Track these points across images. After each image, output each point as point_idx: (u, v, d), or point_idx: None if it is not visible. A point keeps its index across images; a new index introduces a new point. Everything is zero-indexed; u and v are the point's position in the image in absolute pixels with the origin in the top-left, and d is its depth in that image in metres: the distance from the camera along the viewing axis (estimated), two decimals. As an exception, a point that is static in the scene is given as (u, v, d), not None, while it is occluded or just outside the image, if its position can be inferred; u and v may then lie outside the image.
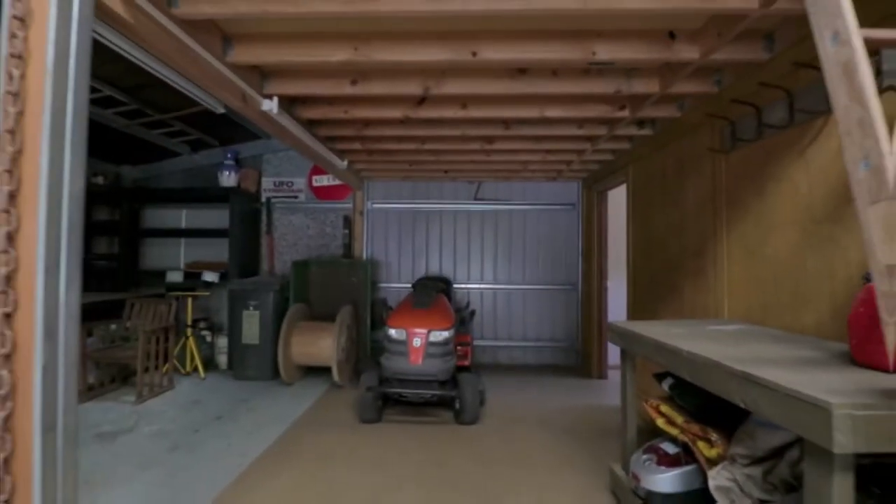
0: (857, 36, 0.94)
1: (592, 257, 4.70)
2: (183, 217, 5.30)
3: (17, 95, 1.15)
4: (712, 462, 1.56)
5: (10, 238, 1.13)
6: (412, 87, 2.42)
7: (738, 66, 2.17)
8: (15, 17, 1.15)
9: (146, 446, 2.81)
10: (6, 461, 1.12)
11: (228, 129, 4.65)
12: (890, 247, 0.87)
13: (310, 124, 3.12)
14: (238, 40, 2.07)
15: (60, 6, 1.19)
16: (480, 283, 5.18)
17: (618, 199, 4.19)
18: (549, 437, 3.02)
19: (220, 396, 3.83)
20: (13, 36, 1.15)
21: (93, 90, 3.42)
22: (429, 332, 3.14)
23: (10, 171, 1.14)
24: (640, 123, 3.14)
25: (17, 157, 1.15)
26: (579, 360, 4.96)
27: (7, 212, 1.13)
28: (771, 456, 1.39)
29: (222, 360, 4.73)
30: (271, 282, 4.45)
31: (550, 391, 4.12)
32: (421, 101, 2.70)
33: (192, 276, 4.78)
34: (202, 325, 4.81)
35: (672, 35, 2.00)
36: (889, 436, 0.89)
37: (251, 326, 4.30)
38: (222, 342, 4.75)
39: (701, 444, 1.63)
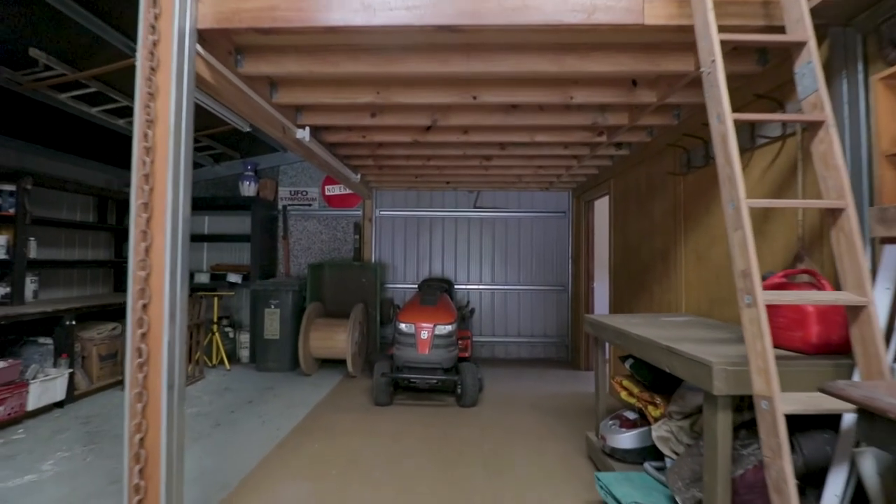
0: (730, 118, 1.42)
1: (581, 261, 5.18)
2: (206, 223, 5.76)
3: (150, 149, 1.63)
4: (656, 420, 2.03)
5: (147, 251, 1.61)
6: (421, 119, 2.90)
7: (688, 106, 2.65)
8: (148, 92, 1.63)
9: (193, 424, 3.26)
10: (143, 408, 1.59)
11: (249, 143, 5.13)
12: (743, 259, 1.34)
13: (331, 145, 3.60)
14: (282, 85, 2.54)
15: (177, 83, 1.66)
16: (479, 284, 5.66)
17: (603, 208, 4.66)
18: (538, 417, 3.49)
19: (246, 385, 4.29)
20: (146, 106, 1.63)
21: (128, 111, 3.90)
22: (434, 326, 3.61)
23: (146, 204, 1.61)
24: (618, 145, 3.61)
25: (151, 194, 1.62)
26: (569, 354, 5.43)
27: (145, 232, 1.60)
28: (695, 412, 1.86)
29: (244, 353, 5.20)
30: (290, 282, 4.91)
31: (541, 381, 4.59)
32: (428, 128, 3.17)
33: (216, 278, 5.25)
34: (225, 322, 5.27)
35: (634, 83, 2.48)
36: (745, 383, 1.36)
37: (272, 323, 4.77)
38: (244, 338, 5.22)
39: (650, 408, 2.10)
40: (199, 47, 1.79)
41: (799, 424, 1.53)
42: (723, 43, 1.48)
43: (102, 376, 4.01)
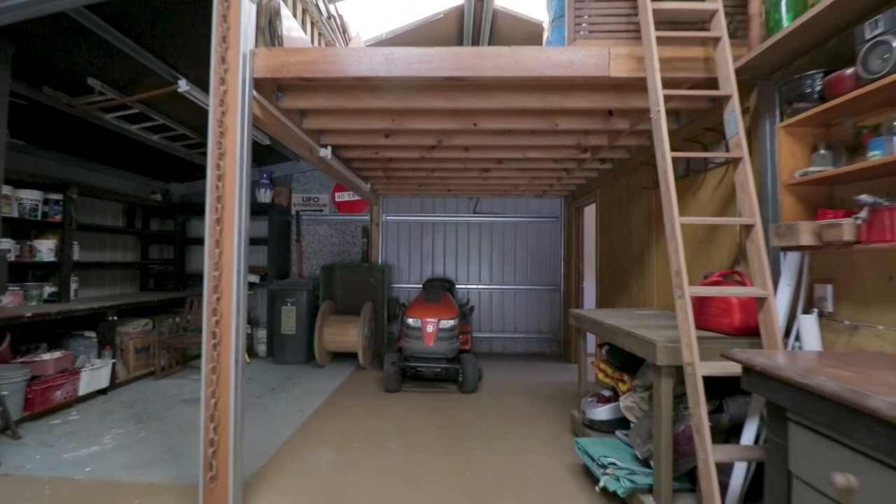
0: (668, 156, 1.87)
1: (572, 262, 5.63)
2: (223, 227, 6.17)
3: (221, 176, 2.07)
4: (624, 393, 2.47)
5: (220, 255, 2.04)
6: (428, 140, 3.34)
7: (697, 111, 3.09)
8: (220, 132, 2.07)
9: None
10: (217, 379, 2.03)
11: (264, 153, 5.56)
12: (676, 262, 1.79)
13: (346, 160, 4.03)
14: (311, 114, 2.98)
15: (240, 122, 2.10)
16: (478, 284, 6.10)
17: (592, 214, 5.11)
18: (531, 401, 3.93)
19: (267, 375, 4.71)
20: (219, 142, 2.07)
21: (168, 129, 4.34)
22: (439, 321, 4.05)
23: (218, 219, 2.05)
24: (602, 160, 4.06)
25: (222, 211, 2.06)
26: (561, 349, 5.88)
27: (218, 241, 2.04)
28: (651, 385, 2.30)
29: (261, 348, 5.63)
30: (305, 282, 5.34)
31: (535, 372, 5.03)
32: (433, 147, 3.61)
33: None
34: (243, 319, 5.69)
35: (610, 112, 2.92)
36: (678, 356, 1.79)
37: (289, 319, 5.19)
38: (261, 333, 5.64)
39: (620, 385, 2.55)
40: (253, 91, 2.23)
41: (728, 391, 1.98)
42: (666, 97, 1.93)
43: (137, 367, 4.44)
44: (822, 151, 1.70)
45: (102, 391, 3.95)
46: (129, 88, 3.54)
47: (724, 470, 1.89)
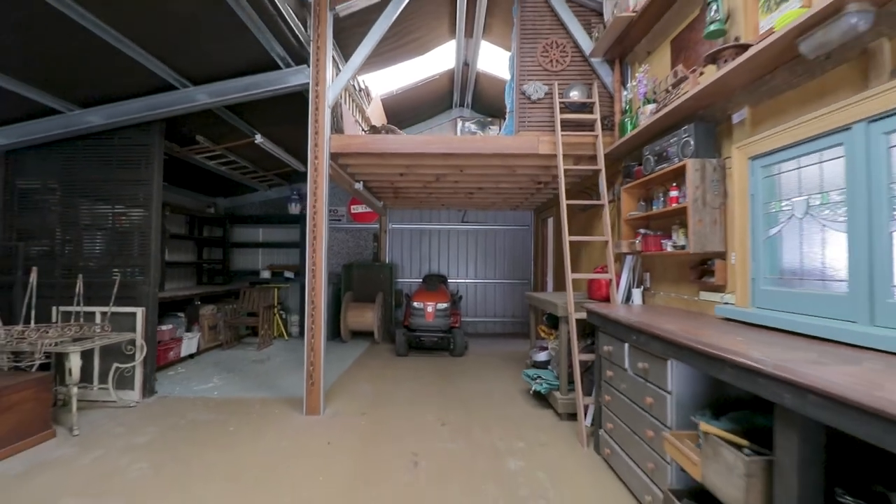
0: (564, 203, 3.44)
1: (538, 261, 7.20)
2: (260, 234, 7.67)
3: (315, 214, 3.59)
4: (551, 342, 4.04)
5: (315, 255, 3.57)
6: (429, 178, 4.88)
7: (587, 173, 4.67)
8: (314, 189, 3.59)
9: (282, 366, 5.19)
10: (312, 336, 3.55)
11: (295, 174, 7.05)
12: (566, 261, 3.36)
13: (369, 188, 5.55)
14: (352, 165, 4.49)
15: (325, 180, 3.62)
16: (466, 279, 7.65)
17: (552, 225, 6.67)
18: (501, 361, 5.49)
19: (304, 349, 6.20)
20: (314, 194, 3.59)
21: (234, 162, 5.81)
22: (436, 304, 5.59)
23: (315, 238, 3.57)
24: (553, 188, 5.63)
25: (314, 230, 3.58)
26: (528, 329, 7.45)
27: (314, 248, 3.57)
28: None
29: (294, 330, 7.11)
30: (330, 277, 6.83)
31: (507, 345, 6.60)
32: (432, 181, 5.15)
33: (275, 275, 7.16)
34: (279, 307, 7.18)
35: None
36: (570, 311, 3.34)
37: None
38: (294, 318, 7.14)
39: (550, 338, 4.11)
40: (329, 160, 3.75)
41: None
42: (565, 169, 3.50)
43: (210, 340, 5.91)
44: (640, 203, 3.28)
45: (191, 356, 5.42)
46: (219, 139, 5.04)
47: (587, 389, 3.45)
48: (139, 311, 3.84)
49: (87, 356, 3.59)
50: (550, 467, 2.68)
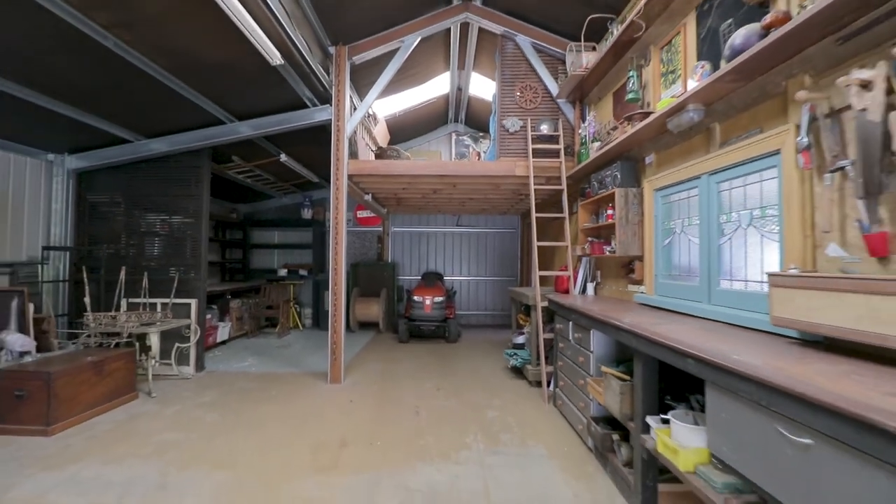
0: (534, 215, 4.38)
1: (524, 260, 8.13)
2: (276, 236, 8.57)
3: (337, 226, 4.51)
4: (525, 328, 4.96)
5: (336, 256, 4.49)
6: (428, 191, 5.79)
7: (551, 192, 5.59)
8: (336, 205, 4.51)
9: (302, 350, 6.10)
10: (334, 324, 4.47)
11: (308, 184, 7.95)
12: (536, 261, 4.29)
13: (375, 198, 6.45)
14: (363, 182, 5.40)
15: (344, 197, 4.54)
16: (460, 276, 8.57)
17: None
18: (490, 347, 6.43)
19: (318, 337, 7.12)
20: (336, 209, 4.51)
21: (256, 175, 6.71)
22: (434, 297, 6.51)
23: (336, 245, 4.50)
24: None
25: (336, 236, 4.50)
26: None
27: (336, 251, 4.49)
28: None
29: (307, 322, 8.02)
30: (340, 275, 7.72)
31: (495, 334, 7.53)
32: (430, 193, 6.06)
33: (290, 273, 8.06)
34: (294, 300, 8.09)
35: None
36: (537, 301, 4.26)
37: (328, 300, 7.58)
38: (307, 311, 8.04)
39: (526, 324, 5.04)
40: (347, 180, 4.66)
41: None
42: (536, 189, 4.42)
43: (237, 330, 6.81)
44: (592, 216, 4.20)
45: (224, 342, 6.33)
46: (250, 158, 5.93)
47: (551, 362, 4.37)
48: (193, 302, 4.74)
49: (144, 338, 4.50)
50: (518, 415, 3.61)
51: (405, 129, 7.92)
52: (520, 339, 5.22)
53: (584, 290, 4.34)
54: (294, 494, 2.38)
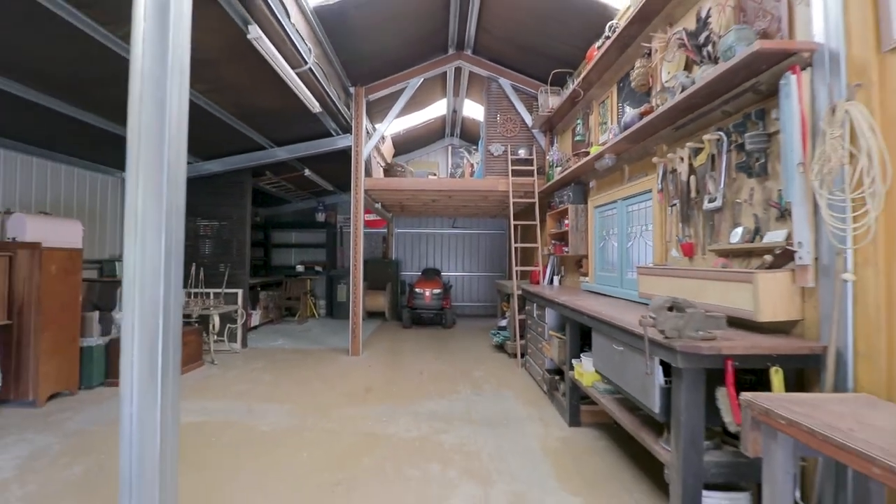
0: (511, 222, 5.57)
1: (512, 258, 9.29)
2: (293, 236, 9.71)
3: (357, 233, 5.68)
4: (507, 312, 6.14)
5: (355, 254, 5.66)
6: (428, 200, 6.95)
7: (527, 204, 6.77)
8: (356, 213, 5.68)
9: (322, 333, 7.26)
10: (354, 315, 5.65)
11: (322, 191, 9.09)
12: (515, 260, 5.48)
13: (383, 206, 7.61)
14: (375, 194, 6.55)
15: (361, 207, 5.71)
16: (455, 272, 9.74)
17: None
18: (480, 332, 7.61)
19: (332, 324, 8.28)
20: (356, 216, 5.68)
21: (282, 186, 7.85)
22: (432, 290, 7.69)
23: (356, 245, 5.67)
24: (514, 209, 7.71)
25: (356, 240, 5.67)
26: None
27: (356, 251, 5.67)
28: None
29: (321, 312, 9.19)
30: (348, 271, 8.88)
31: (485, 323, 8.70)
32: (430, 202, 7.22)
33: (308, 269, 9.21)
34: (311, 293, 9.25)
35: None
36: (514, 290, 5.43)
37: (341, 293, 8.75)
38: (321, 302, 9.21)
39: (507, 310, 6.21)
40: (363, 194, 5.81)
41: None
42: (514, 202, 5.60)
43: (263, 318, 7.96)
44: (557, 223, 5.37)
45: (255, 327, 7.48)
46: (280, 172, 7.08)
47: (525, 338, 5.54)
48: (239, 291, 5.90)
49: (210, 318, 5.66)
50: (497, 376, 4.79)
51: (407, 143, 9.07)
52: (503, 323, 6.40)
53: (551, 282, 5.52)
54: (339, 415, 3.55)
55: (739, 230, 2.21)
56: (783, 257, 1.91)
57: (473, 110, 7.92)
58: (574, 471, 2.62)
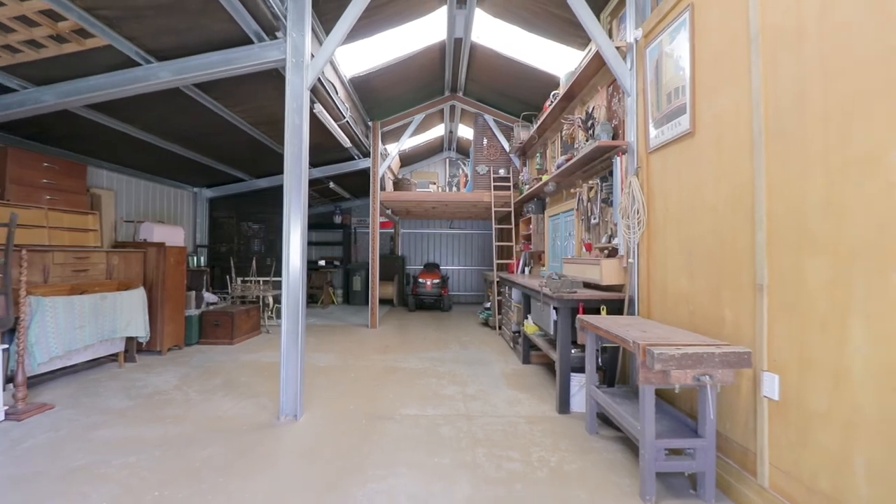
0: (494, 227, 7.28)
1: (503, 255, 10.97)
2: (313, 236, 11.41)
3: (374, 232, 7.39)
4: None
5: (373, 251, 7.38)
6: (429, 207, 8.62)
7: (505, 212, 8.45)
8: (373, 221, 7.39)
9: (343, 314, 8.96)
10: (373, 294, 7.36)
11: (339, 198, 10.79)
12: (497, 256, 7.19)
13: (392, 210, 9.29)
14: (387, 204, 8.22)
15: (378, 215, 7.41)
16: (452, 266, 11.44)
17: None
18: (471, 315, 9.31)
19: (351, 309, 9.98)
20: (373, 231, 7.39)
21: (310, 196, 9.55)
22: (433, 280, 9.39)
23: (373, 246, 7.38)
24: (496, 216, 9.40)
25: (374, 242, 7.38)
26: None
27: (374, 249, 7.38)
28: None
29: (338, 299, 10.90)
30: (361, 265, 10.58)
31: (477, 308, 10.40)
32: (430, 208, 8.89)
33: (328, 264, 10.92)
34: (330, 283, 10.95)
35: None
36: (494, 278, 7.10)
37: (356, 283, 10.45)
38: (339, 291, 10.92)
39: (491, 294, 7.90)
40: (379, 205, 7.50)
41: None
42: (494, 210, 7.28)
43: (294, 303, 9.67)
44: (526, 227, 7.05)
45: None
46: (309, 183, 8.77)
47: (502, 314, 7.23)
48: (283, 280, 7.59)
49: (264, 299, 7.36)
50: (480, 340, 6.48)
51: (412, 157, 10.75)
52: (487, 305, 8.09)
53: (523, 271, 7.20)
54: (369, 358, 5.25)
55: (605, 237, 3.90)
56: (615, 251, 3.60)
57: (467, 132, 9.60)
58: (518, 383, 4.32)
